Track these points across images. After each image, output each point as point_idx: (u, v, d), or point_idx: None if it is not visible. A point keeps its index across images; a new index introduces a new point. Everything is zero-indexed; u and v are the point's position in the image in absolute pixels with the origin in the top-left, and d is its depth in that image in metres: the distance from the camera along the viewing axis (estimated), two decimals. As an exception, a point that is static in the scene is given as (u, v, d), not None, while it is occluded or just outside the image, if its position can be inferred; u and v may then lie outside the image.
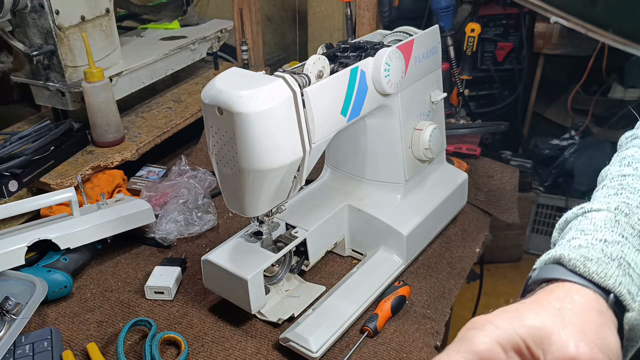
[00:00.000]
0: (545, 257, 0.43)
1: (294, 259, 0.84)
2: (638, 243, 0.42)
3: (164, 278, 0.84)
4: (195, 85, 1.39)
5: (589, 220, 0.45)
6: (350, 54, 0.78)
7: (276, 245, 0.80)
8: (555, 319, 0.36)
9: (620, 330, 0.38)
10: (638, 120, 0.56)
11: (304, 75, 0.68)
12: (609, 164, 0.54)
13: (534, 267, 0.43)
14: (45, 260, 0.85)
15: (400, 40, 0.85)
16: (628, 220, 0.43)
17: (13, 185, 0.95)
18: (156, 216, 0.96)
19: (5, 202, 0.93)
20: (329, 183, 0.95)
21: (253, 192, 0.68)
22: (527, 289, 0.42)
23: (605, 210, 0.45)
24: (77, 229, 0.86)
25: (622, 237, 0.42)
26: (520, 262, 2.13)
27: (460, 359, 0.34)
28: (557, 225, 0.48)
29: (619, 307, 0.38)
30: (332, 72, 0.72)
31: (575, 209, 0.47)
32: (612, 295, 0.38)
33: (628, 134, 0.56)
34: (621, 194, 0.47)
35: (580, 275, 0.39)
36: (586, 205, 0.46)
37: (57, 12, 1.04)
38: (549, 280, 0.40)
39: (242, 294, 0.74)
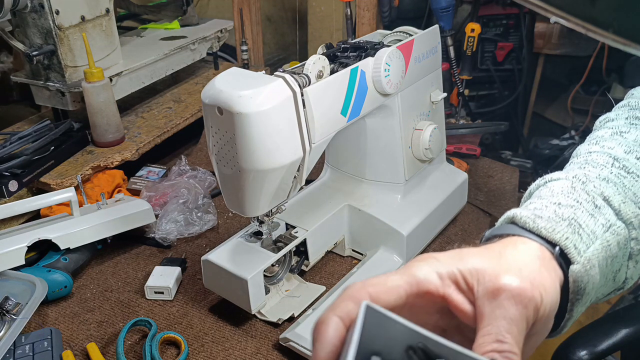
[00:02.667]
0: (501, 219, 0.44)
1: (294, 259, 0.84)
2: (591, 208, 0.42)
3: (164, 278, 0.84)
4: (195, 85, 1.39)
5: (548, 188, 0.46)
6: (350, 54, 0.78)
7: (276, 245, 0.80)
8: (494, 258, 0.37)
9: (566, 284, 0.39)
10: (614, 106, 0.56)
11: (304, 75, 0.68)
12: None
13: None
14: (45, 260, 0.85)
15: (400, 40, 0.85)
16: (584, 187, 0.44)
17: (13, 185, 0.95)
18: (156, 216, 0.96)
19: (5, 202, 0.93)
20: (329, 183, 0.95)
21: (253, 192, 0.68)
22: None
23: (564, 179, 0.46)
24: (77, 229, 0.86)
25: (577, 202, 0.43)
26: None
27: (398, 279, 0.36)
28: (522, 199, 0.49)
29: (565, 261, 0.39)
30: (332, 72, 0.72)
31: (538, 181, 0.48)
32: (557, 248, 0.39)
33: (602, 117, 0.56)
34: (584, 167, 0.48)
35: (530, 231, 0.40)
36: (547, 176, 0.48)
37: (57, 12, 1.04)
38: (500, 236, 0.42)
39: (242, 294, 0.74)
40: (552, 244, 0.40)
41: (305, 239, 0.82)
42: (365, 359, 0.32)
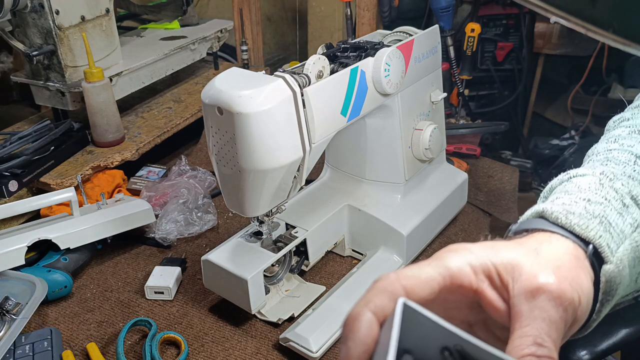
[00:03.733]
0: (528, 212, 0.42)
1: (294, 259, 0.84)
2: (619, 207, 0.41)
3: (164, 278, 0.84)
4: (195, 85, 1.40)
5: (573, 184, 0.44)
6: (350, 54, 0.78)
7: (276, 245, 0.80)
8: (530, 254, 0.36)
9: (597, 283, 0.38)
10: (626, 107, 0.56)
11: (304, 75, 0.68)
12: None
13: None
14: (45, 260, 0.85)
15: (400, 40, 0.85)
16: (612, 185, 0.43)
17: (13, 185, 0.95)
18: (156, 216, 0.96)
19: (5, 202, 0.93)
20: (329, 183, 0.95)
21: (253, 192, 0.68)
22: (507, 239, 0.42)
23: (590, 175, 0.44)
24: (77, 229, 0.86)
25: (605, 199, 0.42)
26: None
27: (430, 271, 0.34)
28: (541, 194, 0.48)
29: (597, 260, 0.38)
30: (332, 72, 0.72)
31: (561, 176, 0.47)
32: (591, 247, 0.38)
33: (616, 117, 0.55)
34: (607, 164, 0.46)
35: (562, 227, 0.39)
36: (572, 172, 0.46)
37: (57, 12, 1.04)
38: (530, 231, 0.40)
39: (242, 294, 0.74)
40: (583, 241, 0.38)
41: (305, 239, 0.82)
42: (398, 357, 0.30)
